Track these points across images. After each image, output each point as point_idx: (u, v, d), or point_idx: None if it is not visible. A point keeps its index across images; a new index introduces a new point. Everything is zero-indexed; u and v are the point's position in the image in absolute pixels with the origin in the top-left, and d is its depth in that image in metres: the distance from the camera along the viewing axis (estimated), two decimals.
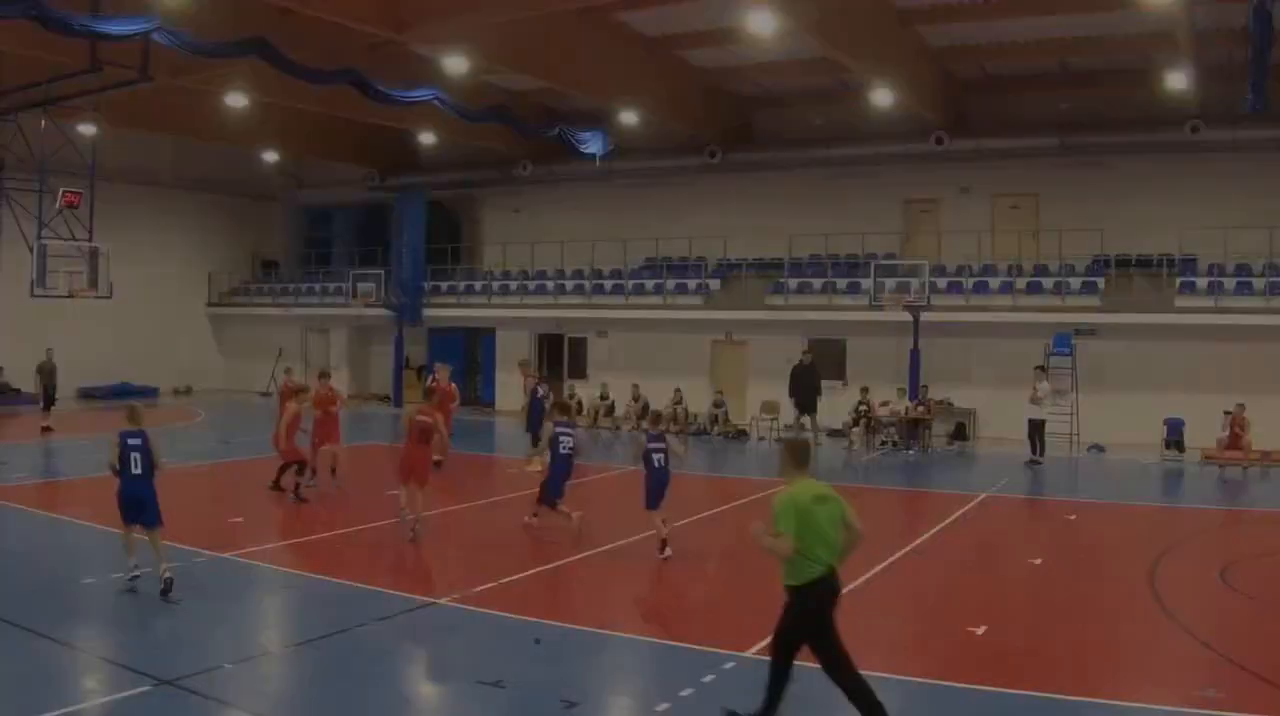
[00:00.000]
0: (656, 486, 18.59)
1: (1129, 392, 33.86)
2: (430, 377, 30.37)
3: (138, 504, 15.42)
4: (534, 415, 28.99)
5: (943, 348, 36.22)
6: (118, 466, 15.29)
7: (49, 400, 36.19)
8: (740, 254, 42.13)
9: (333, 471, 24.38)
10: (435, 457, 21.51)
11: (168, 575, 14.81)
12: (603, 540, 19.58)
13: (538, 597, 16.08)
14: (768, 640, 11.79)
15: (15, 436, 33.33)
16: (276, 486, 23.30)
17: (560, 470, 19.90)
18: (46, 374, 36.39)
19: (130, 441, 15.57)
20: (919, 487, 28.64)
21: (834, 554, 10.22)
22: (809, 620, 10.16)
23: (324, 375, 25.62)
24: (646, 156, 43.04)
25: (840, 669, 10.10)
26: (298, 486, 22.84)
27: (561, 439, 19.83)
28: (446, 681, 12.70)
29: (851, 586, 15.42)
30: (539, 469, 22.95)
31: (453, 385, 29.52)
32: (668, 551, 18.09)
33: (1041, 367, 31.78)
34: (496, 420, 43.35)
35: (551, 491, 19.81)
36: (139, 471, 15.55)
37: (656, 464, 18.55)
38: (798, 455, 10.66)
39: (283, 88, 33.87)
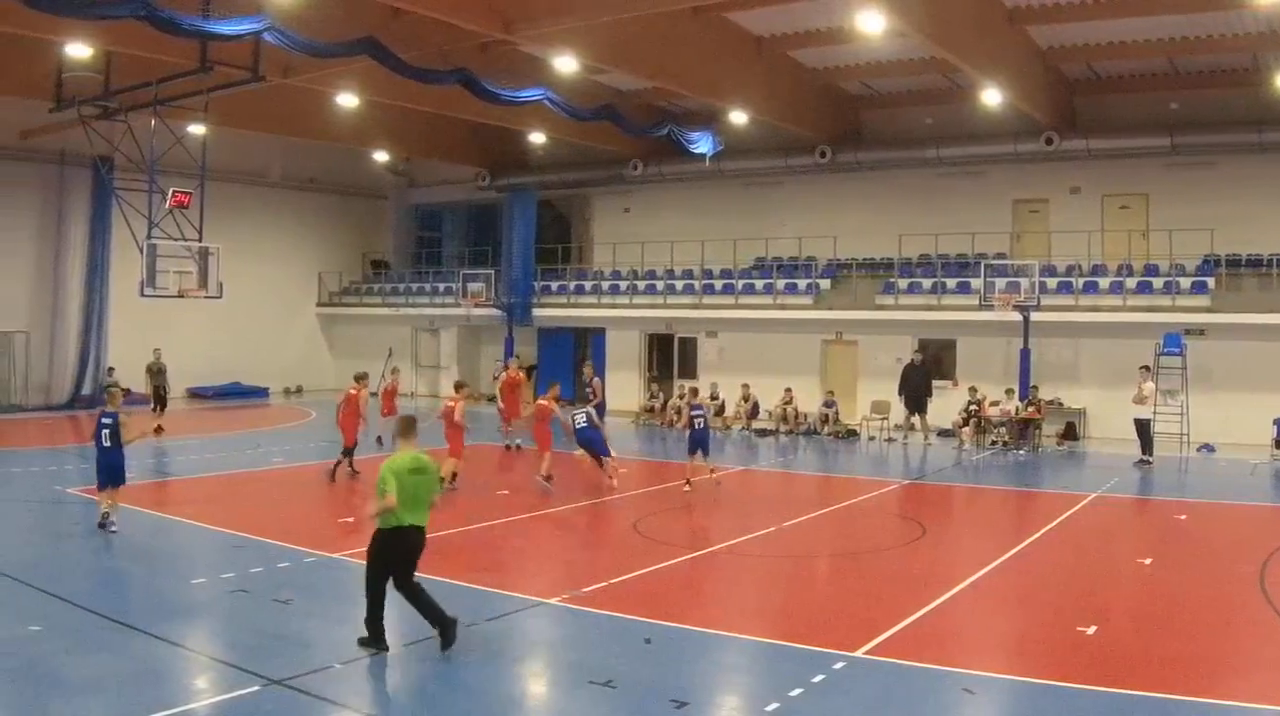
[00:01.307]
0: (697, 439, 26.47)
1: (1239, 392, 34.52)
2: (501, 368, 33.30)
3: (108, 470, 20.16)
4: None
5: (1052, 347, 37.24)
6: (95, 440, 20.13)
7: (160, 401, 37.29)
8: (850, 253, 43.14)
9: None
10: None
11: (112, 517, 20.00)
12: (713, 540, 20.59)
13: (648, 597, 16.22)
14: (878, 640, 13.54)
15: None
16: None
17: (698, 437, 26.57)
18: (156, 374, 37.46)
19: (104, 421, 20.24)
20: (1029, 487, 28.59)
21: (417, 514, 13.32)
22: (383, 556, 13.33)
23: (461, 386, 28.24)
24: (756, 156, 44.25)
25: (410, 593, 13.42)
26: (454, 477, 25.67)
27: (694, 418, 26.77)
28: (557, 681, 12.99)
29: (963, 585, 16.91)
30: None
31: (520, 374, 33.87)
32: (703, 478, 26.29)
33: (1146, 367, 32.26)
34: (607, 420, 43.14)
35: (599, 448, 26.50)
36: (109, 444, 20.13)
37: (697, 425, 26.58)
38: (405, 429, 13.94)
39: (393, 87, 35.13)
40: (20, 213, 44.19)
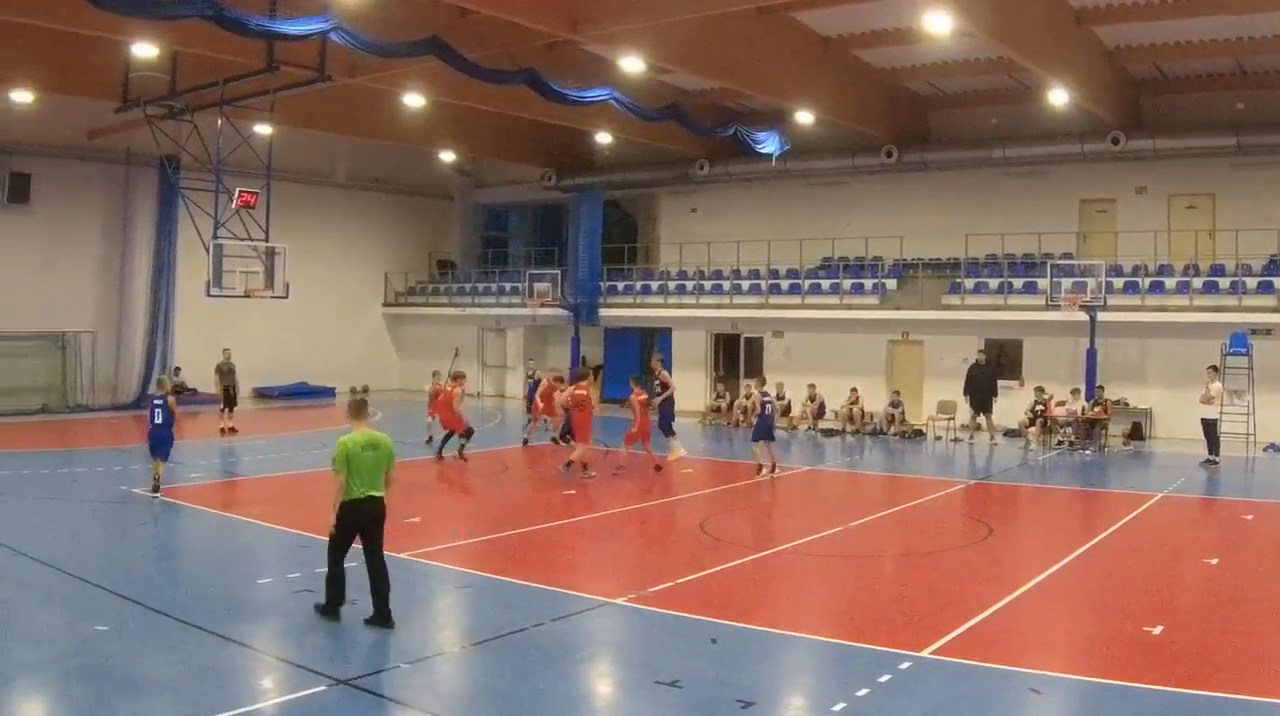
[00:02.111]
0: (763, 425, 28.41)
1: None
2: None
3: (157, 443, 24.06)
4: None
5: (1119, 347, 37.22)
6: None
7: (229, 401, 37.21)
8: (916, 253, 43.22)
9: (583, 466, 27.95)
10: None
11: (159, 486, 23.77)
12: (779, 540, 20.72)
13: (714, 597, 16.21)
14: (945, 640, 13.67)
15: (193, 436, 33.94)
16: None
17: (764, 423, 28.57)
18: (225, 374, 37.51)
19: (155, 402, 24.29)
20: (1096, 487, 28.57)
21: (371, 485, 14.44)
22: (344, 526, 14.40)
23: (560, 379, 30.15)
24: (823, 156, 44.43)
25: (372, 565, 14.51)
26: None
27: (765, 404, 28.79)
28: (623, 681, 13.05)
29: (1029, 585, 16.88)
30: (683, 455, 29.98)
31: (555, 383, 34.21)
32: (764, 473, 27.96)
33: (1214, 367, 32.18)
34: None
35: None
36: (159, 422, 23.97)
37: (765, 411, 28.53)
38: (356, 411, 15.15)
39: (459, 87, 35.33)
40: (87, 213, 44.69)
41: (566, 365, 48.42)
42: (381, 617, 14.30)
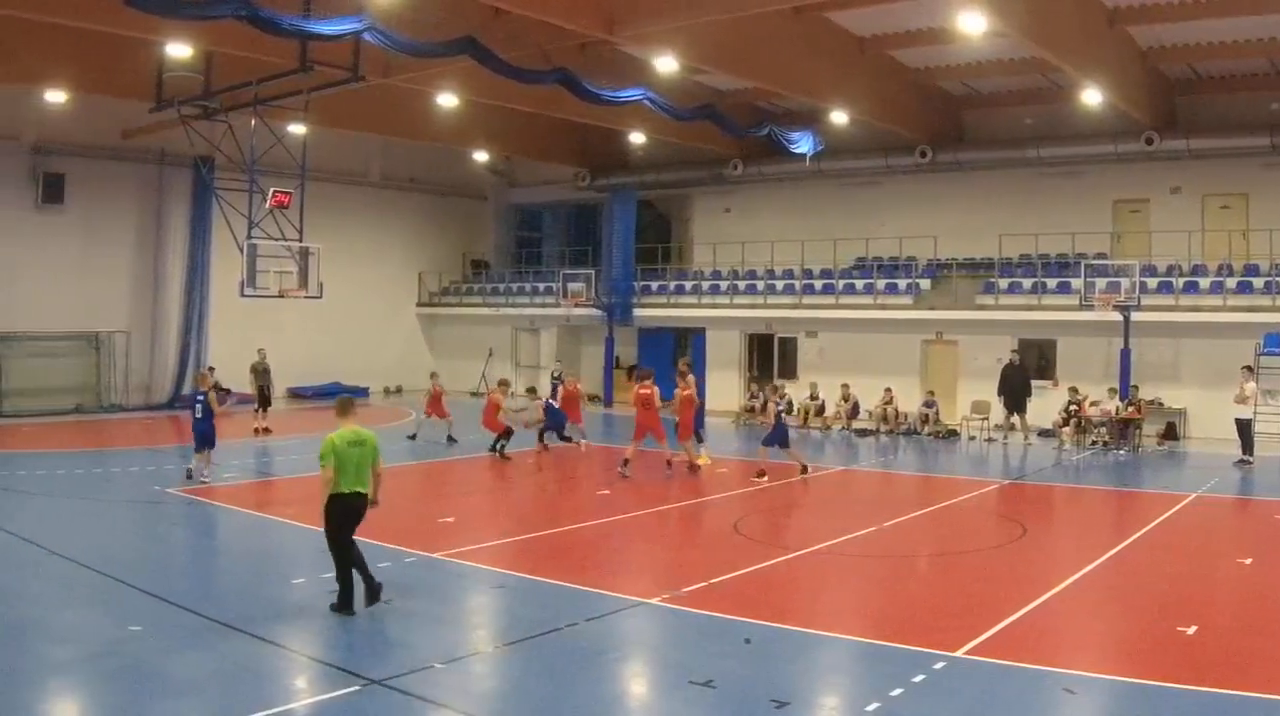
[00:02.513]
0: (781, 432, 28.59)
1: None
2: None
3: (200, 436, 25.67)
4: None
5: (1153, 347, 37.12)
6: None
7: (264, 401, 37.50)
8: (950, 253, 43.20)
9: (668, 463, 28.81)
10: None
11: (204, 473, 25.83)
12: (813, 540, 20.52)
13: (748, 597, 16.22)
14: (979, 640, 13.72)
15: (228, 436, 32.88)
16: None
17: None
18: (260, 374, 37.73)
19: (198, 397, 26.02)
20: (1129, 487, 28.59)
21: (357, 481, 15.08)
22: (334, 518, 15.00)
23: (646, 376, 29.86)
24: (857, 156, 44.50)
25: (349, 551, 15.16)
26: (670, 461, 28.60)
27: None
28: (657, 681, 13.06)
29: (1063, 585, 16.89)
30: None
31: (579, 387, 34.71)
32: (763, 479, 27.55)
33: (1249, 367, 32.17)
34: (707, 420, 42.22)
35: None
36: (200, 416, 25.60)
37: (780, 420, 28.79)
38: (342, 408, 15.66)
39: (493, 87, 35.27)
40: (121, 213, 44.99)
41: (600, 365, 48.61)
42: (371, 593, 15.17)
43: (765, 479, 27.35)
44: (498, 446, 31.06)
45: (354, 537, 15.22)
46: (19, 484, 25.87)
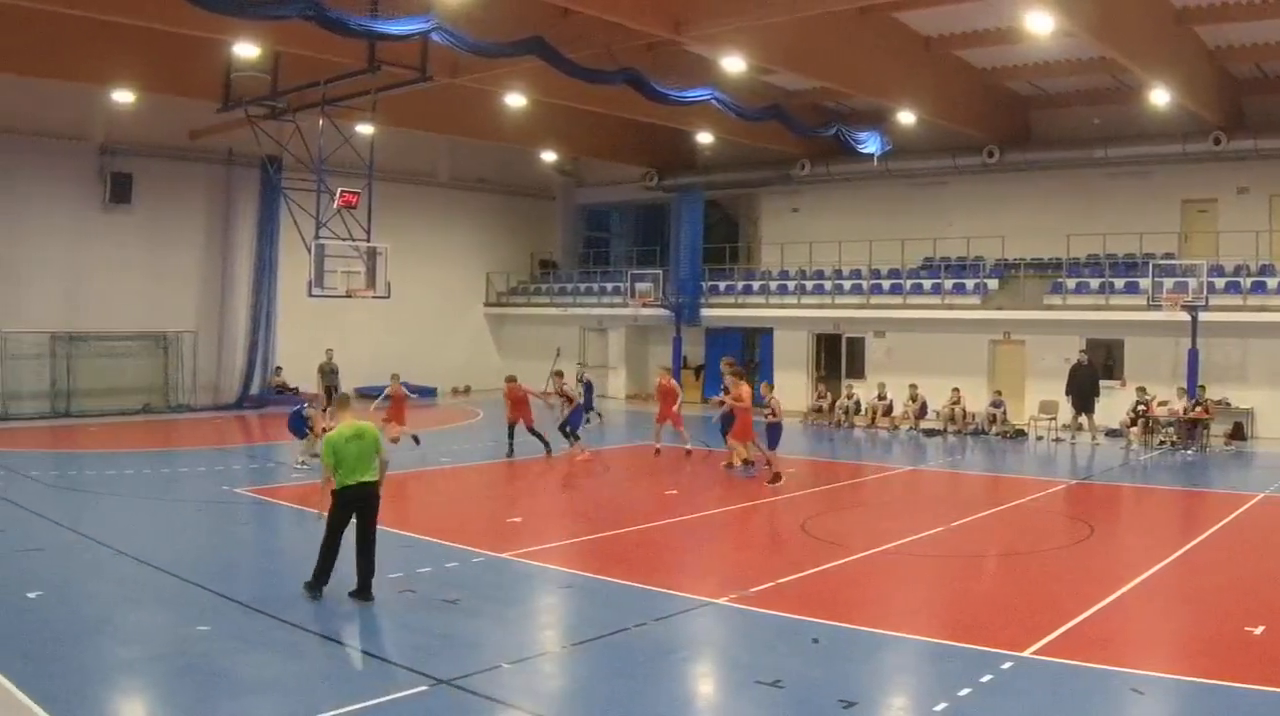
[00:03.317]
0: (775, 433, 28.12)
1: None
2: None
3: (293, 427, 28.23)
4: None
5: (1220, 347, 36.99)
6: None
7: (331, 401, 36.95)
8: (1018, 253, 43.13)
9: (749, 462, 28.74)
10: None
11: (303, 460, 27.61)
12: (881, 540, 20.45)
13: (815, 597, 16.28)
14: (1046, 640, 13.70)
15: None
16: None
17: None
18: (327, 374, 38.15)
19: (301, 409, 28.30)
20: (1197, 487, 28.50)
21: (359, 473, 15.65)
22: (339, 510, 15.67)
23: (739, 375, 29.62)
24: (924, 156, 44.54)
25: (361, 546, 15.78)
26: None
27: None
28: (725, 681, 13.13)
29: (1130, 585, 16.86)
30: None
31: (670, 381, 33.73)
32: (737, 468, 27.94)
33: None
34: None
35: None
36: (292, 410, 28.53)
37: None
38: (341, 405, 16.81)
39: (561, 87, 35.28)
40: (188, 213, 45.30)
41: (668, 364, 48.64)
42: (362, 591, 15.65)
43: (782, 481, 26.80)
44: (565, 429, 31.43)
45: (373, 536, 15.87)
46: (87, 484, 26.23)
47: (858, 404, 42.00)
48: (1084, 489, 27.99)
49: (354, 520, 15.70)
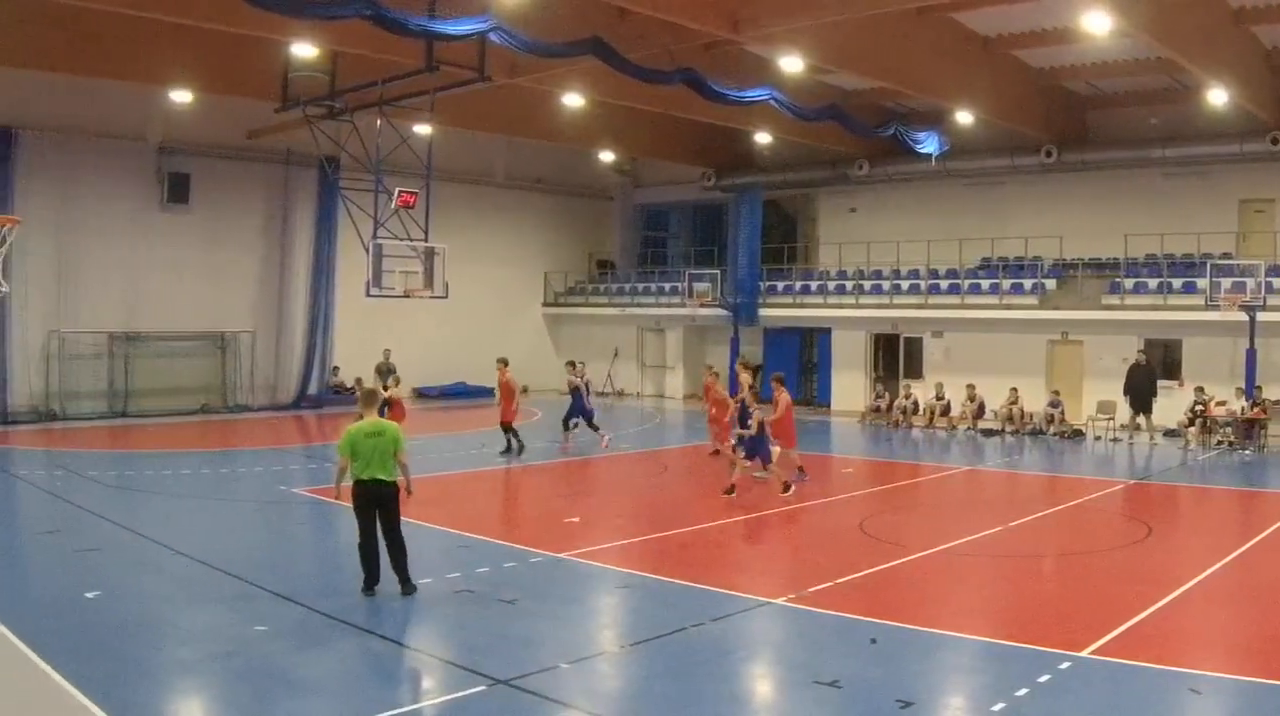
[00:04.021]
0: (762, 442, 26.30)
1: None
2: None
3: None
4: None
5: (1279, 347, 36.88)
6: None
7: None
8: (1075, 253, 43.03)
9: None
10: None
11: None
12: (939, 540, 20.52)
13: (873, 597, 16.36)
14: (1104, 640, 13.73)
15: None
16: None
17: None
18: (385, 374, 38.11)
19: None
20: (1255, 487, 28.59)
21: (375, 469, 15.77)
22: (358, 501, 15.88)
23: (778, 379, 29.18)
24: (982, 156, 44.47)
25: (389, 542, 16.02)
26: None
27: None
28: (783, 681, 13.18)
29: (1189, 585, 16.89)
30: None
31: (723, 390, 32.78)
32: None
33: None
34: (832, 421, 44.66)
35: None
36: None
37: (764, 432, 26.09)
38: (365, 400, 16.89)
39: (619, 87, 35.42)
40: (246, 213, 45.63)
41: (726, 365, 48.72)
42: (402, 585, 15.96)
43: (791, 491, 25.17)
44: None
45: (398, 532, 16.09)
46: (145, 484, 26.48)
47: (915, 404, 42.12)
48: (1142, 489, 28.06)
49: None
